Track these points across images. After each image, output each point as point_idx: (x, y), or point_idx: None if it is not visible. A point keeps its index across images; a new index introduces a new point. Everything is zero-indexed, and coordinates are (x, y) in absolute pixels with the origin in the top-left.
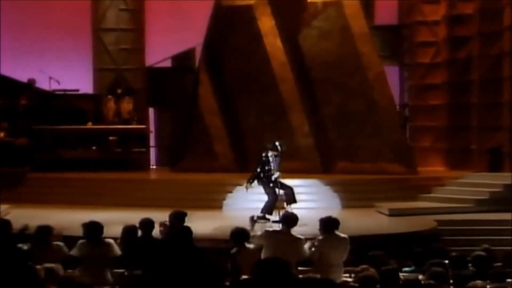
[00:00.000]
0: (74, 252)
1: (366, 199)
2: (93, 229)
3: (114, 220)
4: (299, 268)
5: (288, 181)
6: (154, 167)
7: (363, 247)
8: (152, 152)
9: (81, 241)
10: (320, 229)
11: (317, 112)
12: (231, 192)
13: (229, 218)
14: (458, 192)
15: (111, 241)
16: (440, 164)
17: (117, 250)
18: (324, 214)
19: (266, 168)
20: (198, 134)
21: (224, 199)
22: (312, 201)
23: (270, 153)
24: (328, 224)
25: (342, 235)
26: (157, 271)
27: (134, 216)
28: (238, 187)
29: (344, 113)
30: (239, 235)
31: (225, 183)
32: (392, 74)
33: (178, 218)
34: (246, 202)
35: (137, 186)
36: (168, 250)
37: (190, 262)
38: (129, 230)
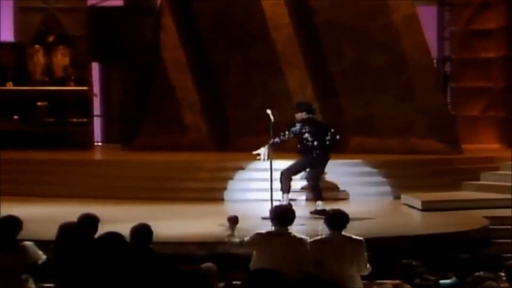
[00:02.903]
0: None
1: (390, 187)
2: (5, 228)
3: (43, 217)
4: None
5: (283, 163)
6: (100, 144)
7: (387, 253)
8: (97, 123)
9: None
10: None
11: (324, 69)
12: (207, 178)
13: (206, 215)
14: None
15: (29, 243)
16: (493, 140)
17: (39, 254)
18: (333, 207)
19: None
20: (160, 99)
21: (198, 188)
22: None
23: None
24: (330, 221)
25: (354, 237)
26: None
27: (71, 211)
28: (221, 172)
29: (360, 70)
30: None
31: (197, 166)
32: (427, 16)
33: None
34: (232, 193)
35: (76, 171)
36: (119, 256)
37: (152, 274)
38: (67, 230)
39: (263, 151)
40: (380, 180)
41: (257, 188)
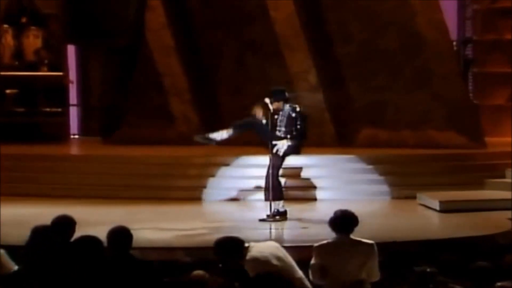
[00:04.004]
0: None
1: (405, 185)
2: None
3: (13, 219)
4: None
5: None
6: (76, 137)
7: (401, 259)
8: (73, 114)
9: None
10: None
11: (330, 52)
12: (197, 175)
13: (196, 217)
14: None
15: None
16: None
17: (9, 263)
18: (339, 207)
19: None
20: (144, 87)
21: (187, 186)
22: (321, 188)
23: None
24: (338, 223)
25: (364, 240)
26: None
27: (44, 212)
28: (212, 169)
29: (371, 53)
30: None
31: (186, 161)
32: None
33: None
34: (225, 191)
35: (49, 167)
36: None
37: (132, 283)
38: (40, 233)
39: (282, 145)
40: (392, 177)
41: (253, 187)
